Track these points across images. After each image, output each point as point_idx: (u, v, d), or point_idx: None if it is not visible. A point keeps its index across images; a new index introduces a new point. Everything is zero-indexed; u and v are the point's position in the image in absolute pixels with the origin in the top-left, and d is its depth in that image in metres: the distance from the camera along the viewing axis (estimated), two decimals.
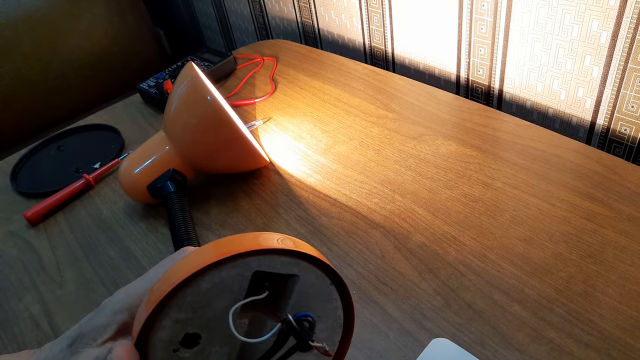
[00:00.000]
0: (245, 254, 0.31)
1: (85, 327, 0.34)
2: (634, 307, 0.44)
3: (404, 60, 0.91)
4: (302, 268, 0.34)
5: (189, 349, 0.32)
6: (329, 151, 0.69)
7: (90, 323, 0.34)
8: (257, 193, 0.65)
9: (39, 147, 0.81)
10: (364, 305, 0.49)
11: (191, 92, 0.59)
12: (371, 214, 0.58)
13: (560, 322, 0.44)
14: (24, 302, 0.56)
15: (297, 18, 1.10)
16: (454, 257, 0.52)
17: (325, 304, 0.36)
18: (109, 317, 0.34)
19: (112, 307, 0.34)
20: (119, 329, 0.33)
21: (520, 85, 0.75)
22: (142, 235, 0.62)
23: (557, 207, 0.55)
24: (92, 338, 0.33)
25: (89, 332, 0.33)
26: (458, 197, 0.58)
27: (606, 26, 0.60)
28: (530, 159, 0.62)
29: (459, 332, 0.45)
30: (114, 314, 0.34)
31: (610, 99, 0.65)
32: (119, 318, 0.34)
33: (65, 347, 0.33)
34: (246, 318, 0.34)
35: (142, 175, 0.61)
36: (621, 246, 0.50)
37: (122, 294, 0.35)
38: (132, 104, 0.90)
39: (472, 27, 0.75)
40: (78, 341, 0.33)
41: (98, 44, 1.32)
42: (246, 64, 0.95)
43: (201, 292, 0.31)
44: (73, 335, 0.34)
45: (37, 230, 0.66)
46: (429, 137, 0.68)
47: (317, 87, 0.84)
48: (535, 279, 0.48)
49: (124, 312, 0.34)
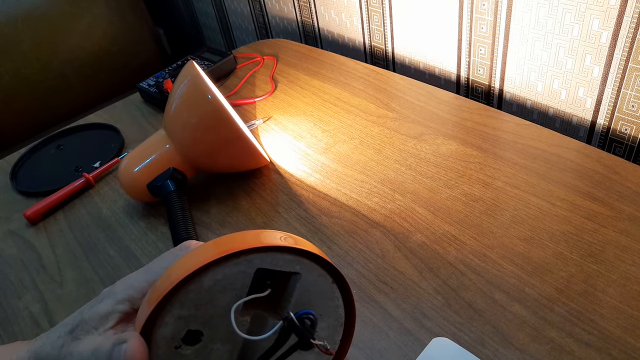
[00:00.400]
0: (247, 251, 0.31)
1: (86, 314, 0.34)
2: (634, 306, 0.44)
3: (404, 60, 0.91)
4: (304, 266, 0.34)
5: (191, 345, 0.32)
6: (329, 150, 0.69)
7: (92, 311, 0.34)
8: (257, 192, 0.65)
9: (38, 146, 0.81)
10: (364, 304, 0.49)
11: (192, 91, 0.58)
12: (371, 213, 0.58)
13: (560, 322, 0.44)
14: (24, 301, 0.56)
15: (297, 17, 1.10)
16: (455, 256, 0.52)
17: (326, 302, 0.36)
18: (112, 306, 0.34)
19: (114, 297, 0.34)
20: (120, 318, 0.34)
21: (521, 85, 0.75)
22: (142, 234, 0.61)
23: (558, 207, 0.55)
24: (94, 326, 0.33)
25: (91, 319, 0.33)
26: (458, 196, 0.58)
27: (607, 25, 0.60)
28: (531, 159, 0.62)
29: (460, 332, 0.45)
30: (117, 304, 0.34)
31: (610, 99, 0.65)
32: (121, 308, 0.34)
33: (65, 334, 0.33)
34: (248, 315, 0.34)
35: (142, 174, 0.61)
36: (622, 245, 0.50)
37: (124, 285, 0.35)
38: (132, 103, 0.90)
39: (473, 27, 0.75)
40: (79, 328, 0.33)
41: (98, 43, 1.32)
42: (246, 63, 0.95)
43: (203, 289, 0.31)
44: (73, 323, 0.34)
45: (36, 229, 0.66)
46: (430, 136, 0.68)
47: (317, 86, 0.84)
48: (536, 278, 0.48)
49: (126, 303, 0.34)
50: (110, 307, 0.34)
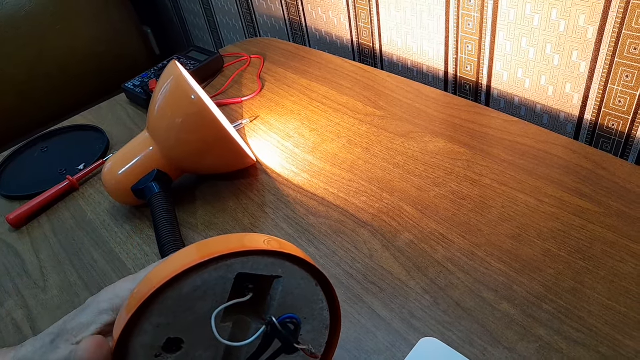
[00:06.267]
0: (227, 255, 0.30)
1: (69, 323, 0.34)
2: (622, 303, 0.44)
3: (392, 57, 0.91)
4: (286, 269, 0.33)
5: (171, 353, 0.32)
6: (317, 149, 0.69)
7: (75, 320, 0.34)
8: (244, 193, 0.64)
9: (22, 148, 0.80)
10: (352, 305, 0.48)
11: (174, 91, 0.58)
12: (359, 213, 0.58)
13: (549, 320, 0.44)
14: (6, 307, 0.55)
15: (284, 15, 1.10)
16: (443, 255, 0.51)
17: (311, 305, 0.35)
18: (94, 316, 0.33)
19: (97, 306, 0.34)
20: (101, 329, 0.33)
21: (508, 81, 0.74)
22: (127, 238, 0.61)
23: (546, 204, 0.55)
24: (74, 335, 0.33)
25: (72, 329, 0.33)
26: (446, 194, 0.58)
27: (593, 21, 0.60)
28: (519, 155, 0.61)
29: (448, 331, 0.45)
30: (99, 314, 0.34)
31: (597, 94, 0.65)
32: (104, 318, 0.33)
33: (48, 343, 0.33)
34: (230, 321, 0.33)
35: (126, 177, 0.60)
36: (610, 242, 0.49)
37: (109, 294, 0.35)
38: (117, 104, 0.89)
39: (460, 23, 0.75)
40: (60, 337, 0.33)
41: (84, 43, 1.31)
42: (233, 62, 0.95)
43: (182, 295, 0.30)
44: (56, 332, 0.34)
45: (20, 233, 0.65)
46: (417, 134, 0.68)
47: (305, 85, 0.83)
48: (524, 276, 0.48)
49: (109, 313, 0.34)
50: (92, 317, 0.33)
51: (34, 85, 1.25)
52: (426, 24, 0.80)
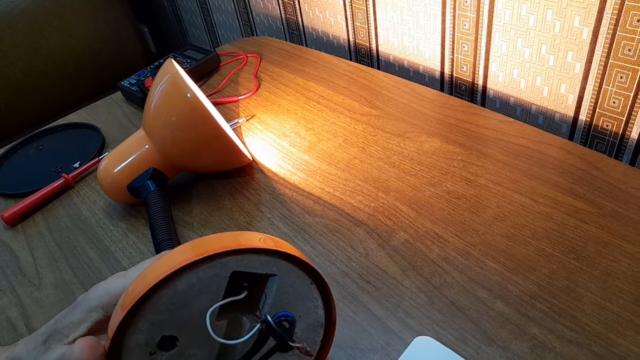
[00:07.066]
0: (222, 254, 0.30)
1: (60, 323, 0.33)
2: (615, 302, 0.44)
3: (388, 57, 0.91)
4: (281, 267, 0.33)
5: (166, 351, 0.32)
6: (313, 149, 0.69)
7: (66, 319, 0.33)
8: (240, 192, 0.64)
9: (17, 146, 0.80)
10: (347, 303, 0.48)
11: (170, 89, 0.58)
12: (355, 212, 0.58)
13: (542, 318, 0.44)
14: (1, 305, 0.55)
15: (281, 15, 1.10)
16: (438, 254, 0.52)
17: (306, 303, 0.35)
18: (84, 314, 0.33)
19: (88, 304, 0.34)
20: (92, 327, 0.33)
21: (504, 82, 0.75)
22: (122, 236, 0.61)
23: (540, 204, 0.55)
24: (65, 334, 0.32)
25: (64, 328, 0.33)
26: (442, 194, 0.58)
27: (587, 22, 0.61)
28: (514, 156, 0.62)
29: (442, 330, 0.45)
30: (90, 312, 0.33)
31: (592, 95, 0.65)
32: (94, 316, 0.33)
33: (40, 344, 0.33)
34: (225, 319, 0.33)
35: (121, 175, 0.59)
36: (603, 242, 0.50)
37: (99, 291, 0.34)
38: (113, 102, 0.89)
39: (456, 24, 0.75)
40: (52, 337, 0.33)
41: (80, 41, 1.30)
42: (230, 61, 0.94)
43: (177, 293, 0.30)
44: (48, 332, 0.33)
45: (15, 231, 0.64)
46: (413, 134, 0.68)
47: (301, 84, 0.83)
48: (518, 275, 0.48)
49: (99, 310, 0.33)
50: (82, 315, 0.33)
51: (29, 83, 1.25)
52: (422, 24, 0.80)
